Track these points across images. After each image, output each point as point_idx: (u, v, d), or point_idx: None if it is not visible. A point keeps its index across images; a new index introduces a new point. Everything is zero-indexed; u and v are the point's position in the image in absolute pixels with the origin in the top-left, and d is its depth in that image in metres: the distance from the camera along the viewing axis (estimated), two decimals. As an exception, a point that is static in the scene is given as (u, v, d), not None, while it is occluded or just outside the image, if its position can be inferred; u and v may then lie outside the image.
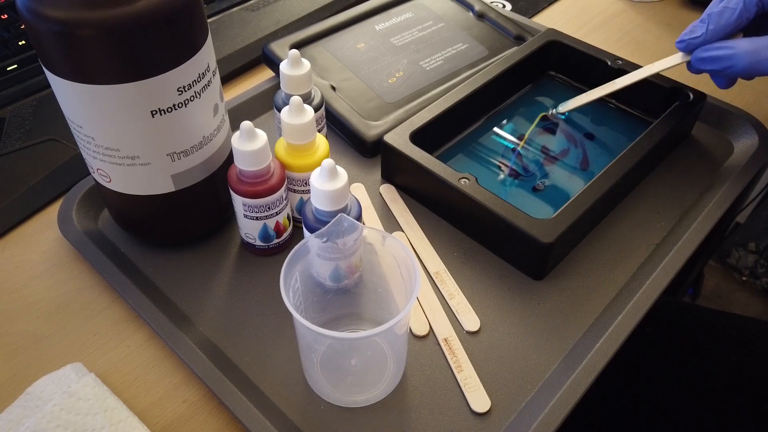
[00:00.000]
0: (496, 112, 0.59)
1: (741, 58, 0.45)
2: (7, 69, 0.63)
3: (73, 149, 0.56)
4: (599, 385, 0.40)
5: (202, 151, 0.43)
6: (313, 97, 0.50)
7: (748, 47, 0.45)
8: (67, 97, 0.38)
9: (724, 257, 1.35)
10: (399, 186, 0.53)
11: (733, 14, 0.45)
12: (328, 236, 0.37)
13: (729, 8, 0.46)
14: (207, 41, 0.40)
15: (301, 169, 0.45)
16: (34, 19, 0.34)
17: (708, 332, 0.63)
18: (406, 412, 0.39)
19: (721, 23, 0.46)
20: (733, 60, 0.45)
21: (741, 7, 0.45)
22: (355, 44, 0.63)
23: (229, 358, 0.42)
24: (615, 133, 0.57)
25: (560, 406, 0.38)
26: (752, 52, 0.44)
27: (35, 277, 0.47)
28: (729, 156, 0.56)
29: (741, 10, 0.45)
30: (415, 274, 0.35)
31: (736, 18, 0.45)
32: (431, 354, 0.42)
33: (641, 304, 0.43)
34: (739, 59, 0.45)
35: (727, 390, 0.58)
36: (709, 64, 0.47)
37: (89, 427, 0.37)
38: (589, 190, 0.46)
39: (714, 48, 0.46)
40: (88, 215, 0.50)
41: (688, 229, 0.48)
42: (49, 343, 0.43)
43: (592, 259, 0.48)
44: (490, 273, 0.47)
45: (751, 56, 0.44)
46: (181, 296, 0.45)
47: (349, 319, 0.43)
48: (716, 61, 0.46)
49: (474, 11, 0.68)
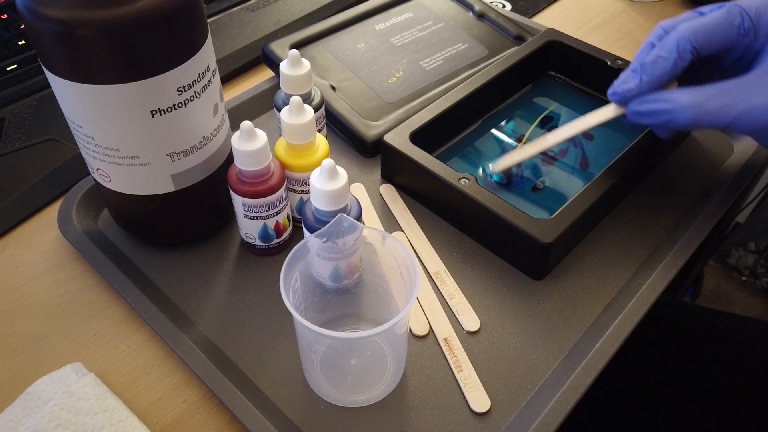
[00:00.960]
0: (495, 112, 0.59)
1: (681, 113, 0.41)
2: (7, 69, 0.63)
3: (73, 149, 0.56)
4: (599, 385, 0.40)
5: (202, 151, 0.43)
6: (313, 97, 0.50)
7: (689, 100, 0.41)
8: (67, 97, 0.38)
9: (724, 257, 1.35)
10: (399, 186, 0.53)
11: (667, 63, 0.42)
12: (328, 236, 0.37)
13: (662, 57, 0.42)
14: (207, 41, 0.40)
15: (301, 169, 0.45)
16: (34, 19, 0.34)
17: (708, 332, 0.63)
18: (406, 412, 0.39)
19: (655, 74, 0.42)
20: (673, 114, 0.41)
21: (675, 55, 0.42)
22: (355, 44, 0.63)
23: (229, 358, 0.42)
24: (615, 133, 0.57)
25: (560, 406, 0.38)
26: (694, 107, 0.40)
27: (35, 277, 0.47)
28: (729, 156, 0.56)
29: (675, 59, 0.42)
30: (415, 274, 0.35)
31: (671, 67, 0.42)
32: (431, 354, 0.42)
33: (641, 304, 0.43)
34: (678, 113, 0.41)
35: (727, 390, 0.58)
36: (646, 118, 0.43)
37: (89, 427, 0.37)
38: (588, 190, 0.46)
39: (650, 101, 0.43)
40: (88, 215, 0.50)
41: (688, 229, 0.48)
42: (49, 343, 0.43)
43: (592, 259, 0.48)
44: (490, 273, 0.47)
45: (692, 111, 0.41)
46: (181, 296, 0.45)
47: (349, 319, 0.43)
48: (653, 116, 0.43)
49: (474, 11, 0.68)
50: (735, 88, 0.41)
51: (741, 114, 0.40)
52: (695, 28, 0.42)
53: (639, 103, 0.44)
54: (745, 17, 0.42)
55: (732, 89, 0.40)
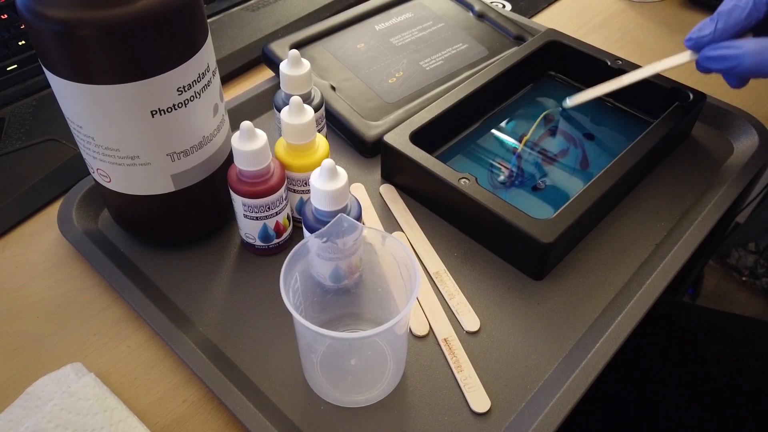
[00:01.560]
0: (496, 113, 0.59)
1: (746, 58, 0.44)
2: (7, 69, 0.63)
3: (73, 149, 0.56)
4: (599, 385, 0.40)
5: (202, 151, 0.43)
6: (313, 97, 0.50)
7: (754, 47, 0.44)
8: (67, 97, 0.38)
9: (724, 257, 1.35)
10: (399, 186, 0.53)
11: (743, 13, 0.45)
12: (328, 236, 0.37)
13: (739, 7, 0.45)
14: (207, 41, 0.40)
15: (301, 169, 0.45)
16: (34, 19, 0.34)
17: (708, 332, 0.63)
18: (406, 412, 0.39)
19: (730, 22, 0.45)
20: (739, 59, 0.44)
21: (751, 6, 0.44)
22: (355, 44, 0.63)
23: (229, 358, 0.42)
24: (615, 134, 0.57)
25: (560, 406, 0.38)
26: (758, 53, 0.43)
27: (35, 277, 0.47)
28: (729, 156, 0.56)
29: (750, 9, 0.44)
30: (415, 274, 0.35)
31: (745, 17, 0.45)
32: (431, 354, 0.42)
33: (641, 304, 0.43)
34: (744, 59, 0.44)
35: (727, 390, 0.58)
36: (715, 63, 0.46)
37: (89, 427, 0.37)
38: (589, 190, 0.46)
39: (721, 47, 0.45)
40: (88, 215, 0.50)
41: (688, 229, 0.48)
42: (49, 343, 0.43)
43: (592, 259, 0.48)
44: (490, 273, 0.47)
45: (756, 56, 0.43)
46: (181, 296, 0.45)
47: (349, 319, 0.43)
48: (722, 61, 0.45)
49: (474, 11, 0.68)
50: None
51: None
52: None
53: (711, 49, 0.46)
54: None
55: None
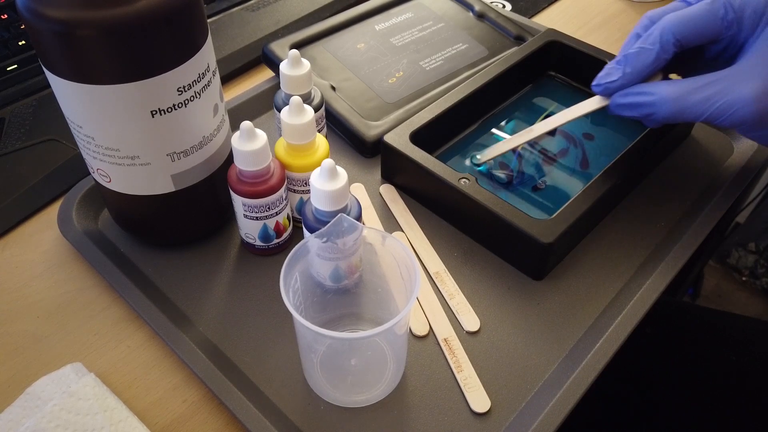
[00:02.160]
0: (496, 113, 0.59)
1: (663, 106, 0.41)
2: (7, 69, 0.63)
3: (73, 149, 0.56)
4: (599, 385, 0.40)
5: (202, 151, 0.43)
6: (313, 97, 0.50)
7: (671, 93, 0.41)
8: (67, 97, 0.38)
9: (724, 257, 1.35)
10: (399, 186, 0.53)
11: (651, 55, 0.42)
12: (328, 236, 0.37)
13: (646, 49, 0.42)
14: (207, 41, 0.40)
15: (301, 169, 0.45)
16: (34, 19, 0.34)
17: (708, 332, 0.63)
18: (406, 412, 0.39)
19: (638, 66, 0.42)
20: (655, 107, 0.41)
21: (658, 48, 0.42)
22: (355, 44, 0.63)
23: (229, 358, 0.42)
24: (615, 133, 0.57)
25: (560, 406, 0.38)
26: (675, 100, 0.41)
27: (35, 277, 0.47)
28: (729, 156, 0.56)
29: (659, 52, 0.42)
30: (415, 274, 0.35)
31: (653, 59, 0.42)
32: (431, 354, 0.42)
33: (641, 304, 0.43)
34: (660, 107, 0.41)
35: (727, 390, 0.58)
36: (628, 111, 0.43)
37: (89, 427, 0.37)
38: (588, 190, 0.46)
39: (632, 94, 0.43)
40: (88, 215, 0.50)
41: (688, 229, 0.48)
42: (49, 343, 0.43)
43: (592, 259, 0.48)
44: (490, 273, 0.47)
45: (674, 104, 0.41)
46: (181, 296, 0.45)
47: (349, 319, 0.43)
48: (636, 108, 0.43)
49: (474, 11, 0.68)
50: (715, 82, 0.40)
51: (720, 108, 0.40)
52: (679, 20, 0.42)
53: (621, 96, 0.44)
54: (729, 9, 0.42)
55: (712, 83, 0.40)
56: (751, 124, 0.40)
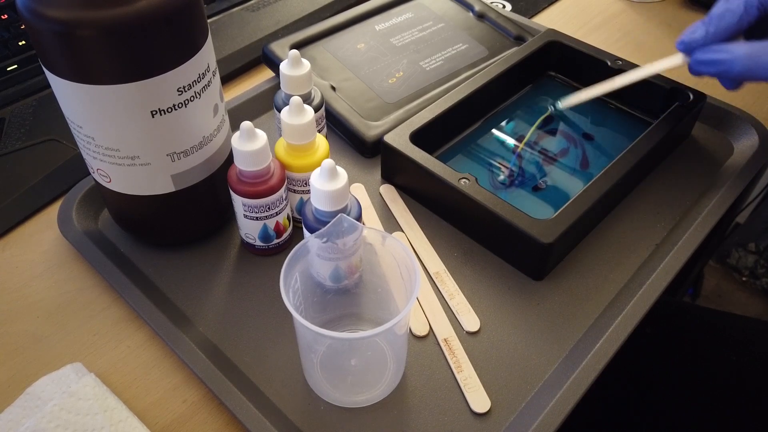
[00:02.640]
0: (496, 113, 0.59)
1: (737, 63, 0.43)
2: (7, 69, 0.63)
3: (73, 149, 0.56)
4: (599, 385, 0.40)
5: (202, 151, 0.43)
6: (313, 98, 0.50)
7: (745, 51, 0.43)
8: (67, 97, 0.38)
9: (724, 257, 1.35)
10: (399, 186, 0.53)
11: (734, 17, 0.44)
12: (328, 236, 0.37)
13: (730, 10, 0.44)
14: (207, 41, 0.40)
15: (301, 169, 0.45)
16: (34, 19, 0.34)
17: (708, 332, 0.63)
18: (406, 412, 0.39)
19: (721, 25, 0.45)
20: (730, 64, 0.44)
21: (742, 10, 0.44)
22: (355, 44, 0.63)
23: (229, 358, 0.42)
24: (615, 134, 0.57)
25: (560, 406, 0.38)
26: (748, 57, 0.43)
27: (35, 277, 0.47)
28: (729, 156, 0.56)
29: (742, 13, 0.44)
30: (415, 275, 0.35)
31: (737, 21, 0.44)
32: (431, 354, 0.42)
33: (641, 304, 0.43)
34: (734, 63, 0.43)
35: (727, 390, 0.58)
36: (706, 67, 0.45)
37: (89, 427, 0.37)
38: (589, 191, 0.46)
39: (712, 51, 0.45)
40: (88, 215, 0.50)
41: (688, 229, 0.48)
42: (49, 343, 0.43)
43: (592, 259, 0.48)
44: (490, 273, 0.47)
45: (747, 61, 0.43)
46: (181, 296, 0.45)
47: (349, 319, 0.43)
48: (713, 65, 0.45)
49: (474, 11, 0.68)
50: None
51: None
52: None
53: (702, 52, 0.45)
54: None
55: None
56: None
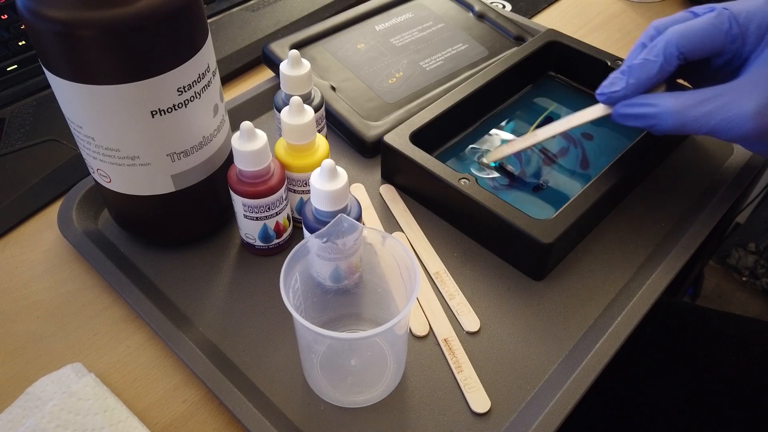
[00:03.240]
0: (496, 113, 0.59)
1: (665, 118, 0.42)
2: (7, 69, 0.63)
3: (73, 149, 0.56)
4: (599, 386, 0.40)
5: (202, 151, 0.43)
6: (313, 98, 0.50)
7: (673, 106, 0.41)
8: (67, 97, 0.38)
9: (724, 257, 1.35)
10: (399, 186, 0.53)
11: (654, 67, 0.42)
12: (328, 236, 0.37)
13: (650, 60, 0.43)
14: (207, 41, 0.40)
15: (301, 169, 0.45)
16: (35, 19, 0.34)
17: (708, 332, 0.63)
18: (406, 412, 0.39)
19: (642, 77, 0.43)
20: (657, 119, 0.42)
21: (662, 60, 0.42)
22: (355, 44, 0.63)
23: (229, 358, 0.42)
24: (615, 134, 0.57)
25: (560, 406, 0.38)
26: (677, 113, 0.41)
27: (35, 277, 0.47)
28: (729, 156, 0.56)
29: (662, 64, 0.42)
30: (415, 275, 0.35)
31: (657, 71, 0.42)
32: (431, 354, 0.42)
33: (641, 304, 0.43)
34: (663, 118, 0.42)
35: (727, 390, 0.58)
36: (631, 121, 0.44)
37: (89, 427, 0.37)
38: (589, 191, 0.46)
39: (635, 105, 0.43)
40: (88, 215, 0.50)
41: (688, 229, 0.48)
42: (49, 343, 0.43)
43: (592, 259, 0.48)
44: (490, 273, 0.47)
45: (676, 117, 0.41)
46: (181, 296, 0.45)
47: (349, 319, 0.43)
48: (638, 119, 0.43)
49: (474, 11, 0.68)
50: (716, 97, 0.41)
51: (721, 123, 0.40)
52: (682, 32, 0.42)
53: (624, 106, 0.44)
54: (733, 23, 0.42)
55: (713, 98, 0.41)
56: (752, 139, 0.40)
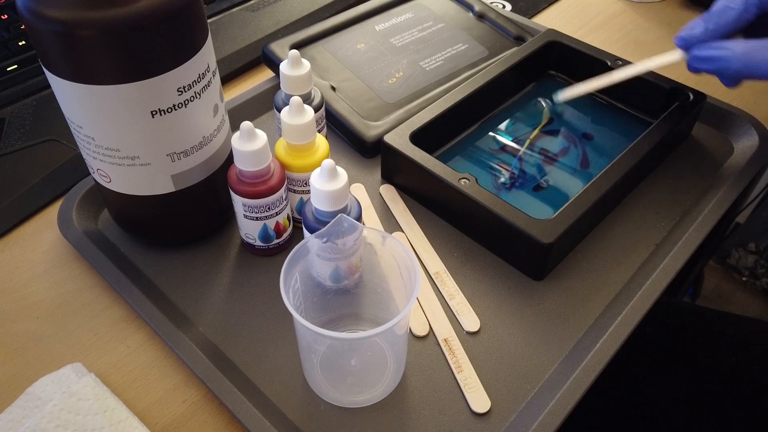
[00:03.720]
0: (496, 113, 0.59)
1: (735, 60, 0.43)
2: (7, 69, 0.63)
3: (73, 149, 0.56)
4: (599, 385, 0.40)
5: (202, 151, 0.43)
6: (313, 98, 0.50)
7: (744, 49, 0.43)
8: (67, 97, 0.38)
9: (724, 257, 1.35)
10: (399, 186, 0.53)
11: (733, 14, 0.44)
12: (328, 236, 0.37)
13: (729, 7, 0.44)
14: (207, 41, 0.40)
15: (301, 169, 0.45)
16: (35, 20, 0.34)
17: (708, 332, 0.63)
18: (406, 413, 0.39)
19: (720, 22, 0.45)
20: (728, 61, 0.44)
21: (741, 7, 0.44)
22: (355, 44, 0.63)
23: (229, 358, 0.42)
24: (615, 134, 0.57)
25: (560, 406, 0.38)
26: (746, 54, 0.43)
27: (35, 277, 0.47)
28: (729, 156, 0.56)
29: (741, 11, 0.44)
30: (415, 275, 0.35)
31: (734, 18, 0.44)
32: (431, 354, 0.42)
33: (641, 304, 0.43)
34: (732, 60, 0.43)
35: (727, 390, 0.58)
36: (704, 64, 0.45)
37: (89, 427, 0.37)
38: (589, 191, 0.46)
39: (710, 47, 0.45)
40: (88, 215, 0.50)
41: (688, 229, 0.48)
42: (49, 343, 0.43)
43: (592, 259, 0.48)
44: (490, 273, 0.47)
45: (744, 58, 0.43)
46: (181, 296, 0.45)
47: (349, 319, 0.43)
48: (711, 61, 0.45)
49: (474, 11, 0.68)
50: None
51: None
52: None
53: (700, 49, 0.45)
54: None
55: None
56: None
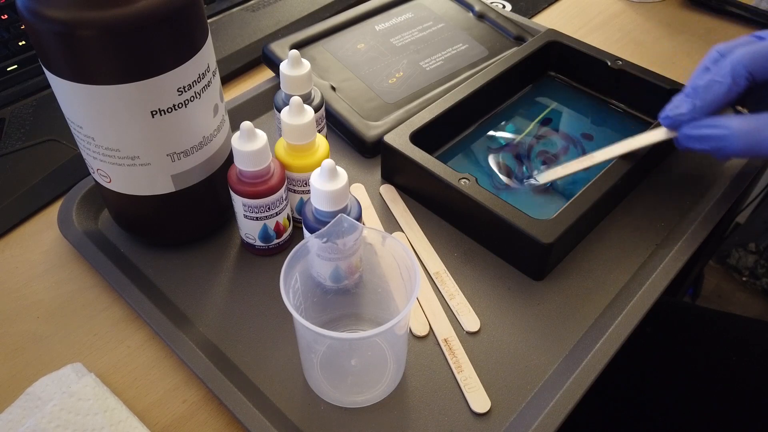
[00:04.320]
0: (496, 113, 0.59)
1: (735, 140, 0.40)
2: (7, 69, 0.63)
3: (73, 149, 0.56)
4: (599, 385, 0.40)
5: (202, 151, 0.43)
6: (313, 98, 0.50)
7: (744, 127, 0.40)
8: (67, 98, 0.38)
9: (724, 257, 1.35)
10: (399, 186, 0.53)
11: (721, 88, 0.41)
12: (328, 236, 0.37)
13: (716, 82, 0.41)
14: (207, 41, 0.40)
15: (301, 169, 0.45)
16: (35, 20, 0.34)
17: (708, 332, 0.63)
18: (406, 413, 0.39)
19: (708, 99, 0.42)
20: (727, 141, 0.40)
21: (730, 81, 0.41)
22: (355, 44, 0.63)
23: (229, 359, 0.42)
24: (615, 134, 0.57)
25: (560, 406, 0.38)
26: (748, 134, 0.39)
27: (35, 277, 0.47)
28: (729, 156, 0.56)
29: (730, 85, 0.41)
30: (415, 275, 0.35)
31: (723, 93, 0.41)
32: (431, 354, 0.42)
33: (641, 304, 0.43)
34: (732, 140, 0.40)
35: (727, 390, 0.58)
36: (697, 143, 0.43)
37: (89, 427, 0.37)
38: (589, 191, 0.46)
39: (704, 126, 0.42)
40: (88, 215, 0.50)
41: (688, 229, 0.48)
42: (49, 343, 0.43)
43: (592, 259, 0.48)
44: (490, 273, 0.47)
45: (746, 138, 0.40)
46: (181, 296, 0.45)
47: (349, 319, 0.43)
48: (706, 141, 0.42)
49: (474, 11, 0.68)
50: None
51: None
52: (752, 53, 0.41)
53: (692, 128, 0.43)
54: None
55: None
56: None
